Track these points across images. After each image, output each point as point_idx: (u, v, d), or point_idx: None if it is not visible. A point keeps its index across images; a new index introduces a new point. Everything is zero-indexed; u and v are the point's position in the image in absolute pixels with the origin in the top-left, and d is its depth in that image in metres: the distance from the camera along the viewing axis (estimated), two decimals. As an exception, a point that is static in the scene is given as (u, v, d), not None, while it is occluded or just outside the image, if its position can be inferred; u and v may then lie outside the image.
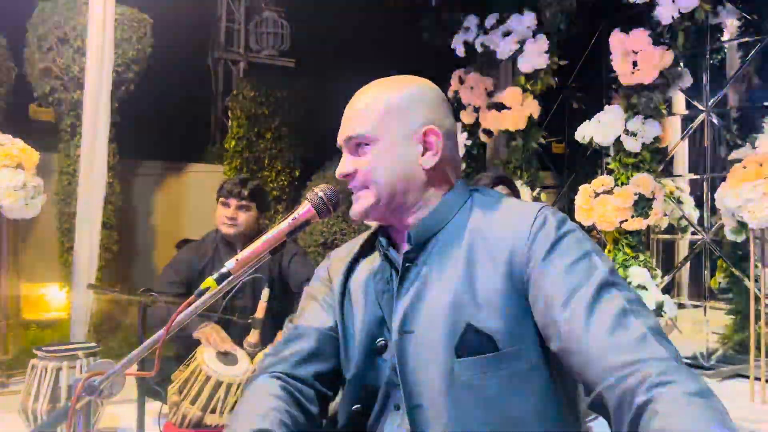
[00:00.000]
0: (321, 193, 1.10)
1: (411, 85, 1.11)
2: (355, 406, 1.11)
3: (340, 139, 1.11)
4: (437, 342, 1.01)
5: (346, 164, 1.09)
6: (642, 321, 0.90)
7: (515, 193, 2.61)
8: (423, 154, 1.07)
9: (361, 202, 1.09)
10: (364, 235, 1.22)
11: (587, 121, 4.34)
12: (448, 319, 1.01)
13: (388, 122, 1.07)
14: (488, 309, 0.99)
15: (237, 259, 1.07)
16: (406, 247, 1.09)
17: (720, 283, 4.81)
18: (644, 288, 4.02)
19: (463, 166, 5.49)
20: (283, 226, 1.09)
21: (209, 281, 1.05)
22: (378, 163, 1.06)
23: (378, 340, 1.09)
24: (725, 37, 5.06)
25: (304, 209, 1.10)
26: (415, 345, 1.04)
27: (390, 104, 1.07)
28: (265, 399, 1.05)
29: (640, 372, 0.83)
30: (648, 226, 4.21)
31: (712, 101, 4.70)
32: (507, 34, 4.85)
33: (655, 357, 0.85)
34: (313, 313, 1.18)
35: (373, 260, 1.16)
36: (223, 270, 1.05)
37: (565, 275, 0.95)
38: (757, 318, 3.90)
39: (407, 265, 1.08)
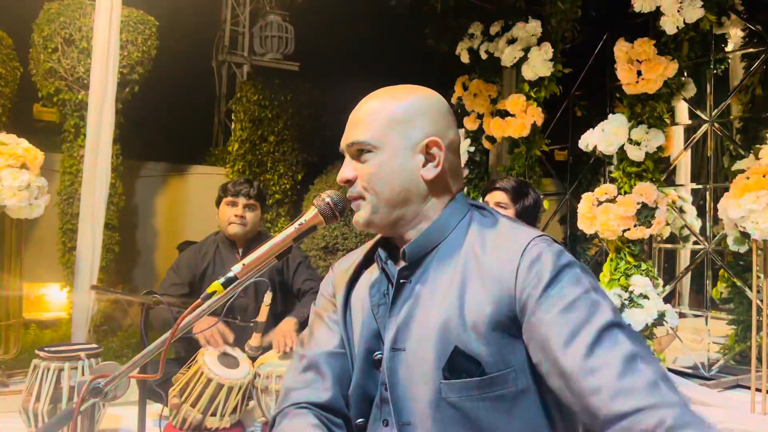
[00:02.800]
0: (328, 199, 1.11)
1: (415, 96, 1.10)
2: (359, 420, 1.11)
3: (343, 144, 1.11)
4: (426, 361, 1.01)
5: (347, 170, 1.10)
6: (651, 366, 0.89)
7: (516, 201, 2.58)
8: (424, 165, 1.07)
9: (361, 213, 1.09)
10: (367, 246, 1.22)
11: (591, 129, 4.34)
12: (438, 340, 1.00)
13: (391, 131, 1.06)
14: (476, 333, 0.98)
15: (243, 264, 1.07)
16: (402, 261, 1.09)
17: (722, 293, 4.80)
18: (646, 297, 4.01)
19: (466, 172, 5.49)
20: (289, 231, 1.10)
21: (216, 285, 1.05)
22: (379, 172, 1.06)
23: (375, 353, 1.09)
24: (729, 47, 5.06)
25: (311, 215, 1.11)
26: (405, 363, 1.04)
27: (393, 114, 1.07)
28: (305, 429, 1.05)
29: (655, 416, 0.83)
30: (650, 235, 4.20)
31: (715, 111, 4.70)
32: (511, 41, 4.86)
33: (668, 403, 0.85)
34: (322, 335, 1.18)
35: (373, 271, 1.16)
36: (230, 274, 1.06)
37: (565, 314, 0.93)
38: (759, 328, 3.90)
39: (402, 281, 1.08)
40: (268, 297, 2.53)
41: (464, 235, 1.07)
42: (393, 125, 1.06)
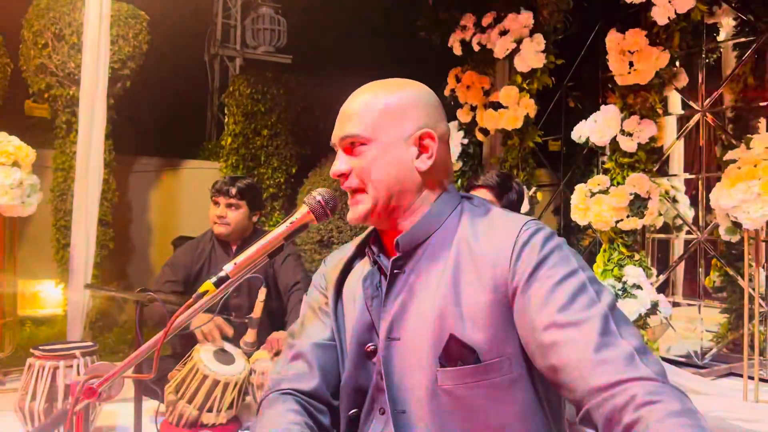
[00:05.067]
0: (319, 197, 1.11)
1: (407, 88, 1.11)
2: (352, 411, 1.12)
3: (335, 138, 1.11)
4: (422, 350, 1.02)
5: (341, 163, 1.10)
6: (628, 340, 0.91)
7: (501, 197, 2.55)
8: (418, 157, 1.08)
9: (359, 207, 1.09)
10: (358, 240, 1.23)
11: (584, 120, 4.34)
12: (433, 329, 1.02)
13: (385, 124, 1.07)
14: (472, 321, 1.00)
15: (235, 263, 1.07)
16: (395, 253, 1.10)
17: (714, 282, 4.84)
18: (639, 287, 4.04)
19: (460, 164, 5.50)
20: (281, 229, 1.10)
21: (208, 285, 1.05)
22: (374, 164, 1.07)
23: (367, 345, 1.10)
24: (721, 37, 5.07)
25: (302, 213, 1.12)
26: (401, 352, 1.05)
27: (386, 106, 1.08)
28: (283, 414, 1.07)
29: (628, 392, 0.85)
30: (643, 226, 4.22)
31: (707, 101, 4.72)
32: (504, 32, 4.85)
33: (642, 377, 0.86)
34: (313, 326, 1.19)
35: (365, 265, 1.17)
36: (222, 273, 1.06)
37: (552, 294, 0.96)
38: (751, 317, 3.93)
39: (395, 272, 1.09)
40: (262, 293, 2.52)
41: (456, 225, 1.08)
42: (386, 117, 1.07)
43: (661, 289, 4.79)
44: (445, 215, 1.10)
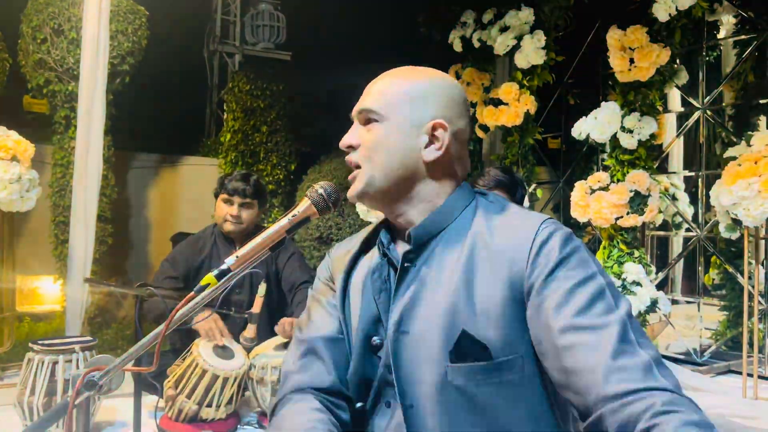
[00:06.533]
0: (321, 190, 1.11)
1: (433, 77, 1.10)
2: (358, 404, 1.11)
3: (354, 111, 1.12)
4: (432, 345, 1.01)
5: (351, 135, 1.10)
6: (645, 350, 0.90)
7: (515, 193, 2.52)
8: (427, 146, 1.07)
9: (355, 184, 1.09)
10: (364, 232, 1.22)
11: (584, 117, 4.34)
12: (444, 324, 1.00)
13: (401, 105, 1.07)
14: (485, 318, 0.99)
15: (237, 256, 1.07)
16: (405, 246, 1.09)
17: (714, 279, 4.84)
18: (639, 284, 4.04)
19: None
20: (283, 222, 1.10)
21: (209, 278, 1.05)
22: (381, 142, 1.06)
23: (373, 338, 1.09)
24: (721, 34, 5.07)
25: (304, 206, 1.11)
26: (410, 346, 1.04)
27: (408, 89, 1.07)
28: (307, 413, 1.05)
29: (646, 400, 0.84)
30: (643, 223, 4.22)
31: (707, 98, 4.71)
32: (504, 29, 4.84)
33: (659, 387, 0.86)
34: (321, 320, 1.17)
35: (372, 257, 1.15)
36: (223, 266, 1.05)
37: (570, 295, 0.94)
38: (750, 314, 3.93)
39: (406, 265, 1.07)
40: (262, 288, 2.53)
41: (471, 220, 1.07)
42: (404, 100, 1.07)
43: (661, 286, 4.79)
44: (460, 209, 1.08)
